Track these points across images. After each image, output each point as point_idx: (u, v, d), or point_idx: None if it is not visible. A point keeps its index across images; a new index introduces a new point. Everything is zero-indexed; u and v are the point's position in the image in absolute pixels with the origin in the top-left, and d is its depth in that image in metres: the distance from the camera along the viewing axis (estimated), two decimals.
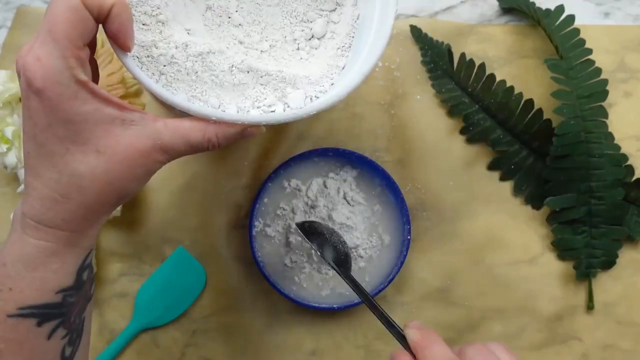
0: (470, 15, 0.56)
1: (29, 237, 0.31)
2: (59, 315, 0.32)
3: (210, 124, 0.32)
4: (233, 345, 0.50)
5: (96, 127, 0.30)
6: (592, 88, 0.50)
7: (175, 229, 0.51)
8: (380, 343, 0.51)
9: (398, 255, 0.50)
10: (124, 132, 0.31)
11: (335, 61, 0.42)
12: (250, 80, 0.39)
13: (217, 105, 0.38)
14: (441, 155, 0.53)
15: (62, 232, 0.31)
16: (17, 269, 0.30)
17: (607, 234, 0.51)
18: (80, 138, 0.30)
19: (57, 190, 0.30)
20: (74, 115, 0.29)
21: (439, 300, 0.51)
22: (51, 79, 0.28)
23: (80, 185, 0.30)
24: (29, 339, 0.31)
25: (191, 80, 0.37)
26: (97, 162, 0.30)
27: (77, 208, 0.31)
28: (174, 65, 0.37)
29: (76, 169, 0.30)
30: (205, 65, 0.38)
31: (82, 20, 0.28)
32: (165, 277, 0.51)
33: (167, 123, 0.32)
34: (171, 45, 0.37)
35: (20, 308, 0.30)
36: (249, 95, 0.39)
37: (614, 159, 0.50)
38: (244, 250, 0.51)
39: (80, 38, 0.29)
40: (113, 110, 0.30)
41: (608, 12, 0.56)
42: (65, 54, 0.28)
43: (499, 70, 0.54)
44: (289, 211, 0.50)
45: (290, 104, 0.39)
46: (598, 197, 0.50)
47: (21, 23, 0.53)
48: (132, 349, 0.50)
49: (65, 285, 0.32)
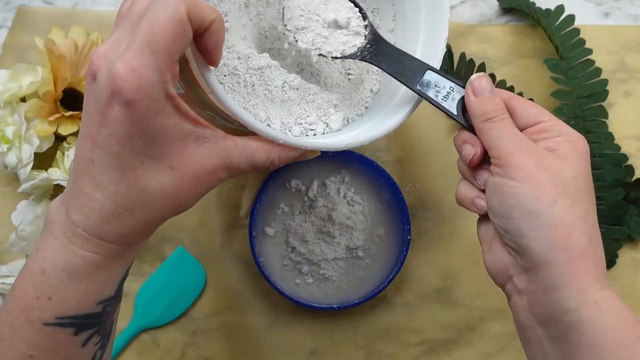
0: (470, 15, 0.56)
1: (76, 248, 0.29)
2: (96, 324, 0.31)
3: (275, 147, 0.32)
4: (233, 345, 0.50)
5: (173, 143, 0.29)
6: (592, 88, 0.50)
7: (175, 228, 0.51)
8: (380, 343, 0.51)
9: (398, 255, 0.50)
10: (196, 149, 0.30)
11: (370, 85, 0.43)
12: (297, 97, 0.39)
13: (264, 118, 0.38)
14: (441, 155, 0.53)
15: (115, 245, 0.30)
16: (59, 279, 0.29)
17: (607, 234, 0.51)
18: (157, 153, 0.29)
19: (121, 204, 0.29)
20: (157, 130, 0.28)
21: (439, 300, 0.51)
22: (145, 91, 0.27)
23: (148, 201, 0.29)
24: (64, 347, 0.30)
25: (247, 92, 0.37)
26: (169, 179, 0.29)
27: (139, 223, 0.30)
28: (234, 76, 0.37)
29: (147, 184, 0.29)
30: (262, 79, 0.38)
31: (185, 34, 0.27)
32: (165, 277, 0.51)
33: (237, 142, 0.31)
34: (234, 55, 0.37)
35: (58, 317, 0.30)
36: (293, 111, 0.39)
37: (614, 159, 0.50)
38: (244, 250, 0.51)
39: (179, 52, 0.28)
40: (190, 125, 0.29)
41: (608, 12, 0.56)
42: (162, 68, 0.27)
43: (499, 70, 0.54)
44: (289, 211, 0.50)
45: (331, 125, 0.40)
46: (598, 197, 0.50)
47: (21, 23, 0.53)
48: (132, 349, 0.50)
49: (106, 297, 0.31)
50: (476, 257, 0.52)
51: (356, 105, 0.42)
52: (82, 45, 0.49)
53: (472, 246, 0.52)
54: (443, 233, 0.52)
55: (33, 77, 0.48)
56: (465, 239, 0.52)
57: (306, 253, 0.49)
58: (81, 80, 0.49)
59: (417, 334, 0.51)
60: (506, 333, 0.51)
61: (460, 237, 0.52)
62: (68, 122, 0.48)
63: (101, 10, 0.54)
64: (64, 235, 0.29)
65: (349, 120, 0.42)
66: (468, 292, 0.51)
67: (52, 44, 0.47)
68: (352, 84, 0.44)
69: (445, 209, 0.52)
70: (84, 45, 0.50)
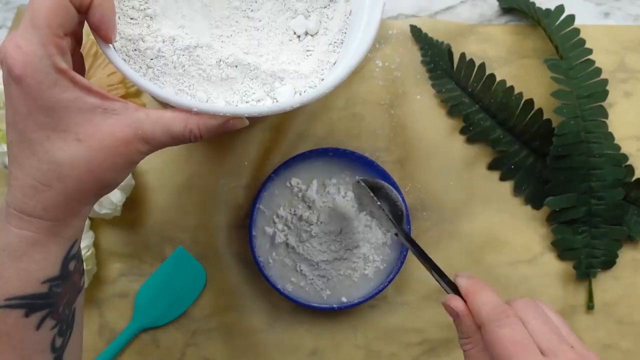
0: (470, 15, 0.56)
1: (12, 227, 0.31)
2: (46, 306, 0.32)
3: (193, 116, 0.32)
4: (233, 345, 0.50)
5: (77, 115, 0.30)
6: (592, 88, 0.50)
7: (175, 228, 0.51)
8: (380, 343, 0.51)
9: (398, 255, 0.50)
10: (105, 121, 0.31)
11: (327, 57, 0.42)
12: (239, 74, 0.39)
13: (204, 99, 0.38)
14: (441, 155, 0.53)
15: (44, 221, 0.31)
16: (1, 260, 0.31)
17: (607, 234, 0.51)
18: (61, 126, 0.30)
19: (38, 178, 0.30)
20: (54, 103, 0.29)
21: (439, 300, 0.51)
22: (31, 66, 0.28)
23: (61, 173, 0.30)
24: (17, 329, 0.31)
25: (178, 74, 0.38)
26: (78, 150, 0.30)
27: (58, 196, 0.31)
28: (160, 58, 0.37)
29: (56, 157, 0.30)
30: (192, 59, 0.38)
31: (64, 9, 0.29)
32: (165, 277, 0.51)
33: (149, 113, 0.32)
34: (158, 39, 0.37)
35: (7, 299, 0.31)
36: (237, 89, 0.39)
37: (614, 159, 0.50)
38: (244, 250, 0.51)
39: (61, 27, 0.29)
40: (94, 99, 0.30)
41: (608, 12, 0.56)
42: (45, 42, 0.28)
43: (499, 70, 0.54)
44: (289, 211, 0.50)
45: (279, 99, 0.39)
46: (598, 197, 0.50)
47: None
48: (132, 349, 0.50)
49: (50, 276, 0.32)
50: (476, 257, 0.52)
51: (308, 77, 0.40)
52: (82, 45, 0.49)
53: (472, 246, 0.52)
54: (443, 233, 0.52)
55: None
56: (465, 239, 0.52)
57: (306, 253, 0.49)
58: None
59: (417, 334, 0.51)
60: None
61: (460, 237, 0.52)
62: None
63: None
64: (4, 217, 0.31)
65: (301, 93, 0.40)
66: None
67: None
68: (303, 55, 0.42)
69: (445, 209, 0.52)
70: (84, 45, 0.49)
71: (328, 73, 0.41)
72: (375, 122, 0.53)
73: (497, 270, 0.52)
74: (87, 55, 0.50)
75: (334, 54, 0.42)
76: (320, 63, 0.41)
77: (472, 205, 0.53)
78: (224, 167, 0.52)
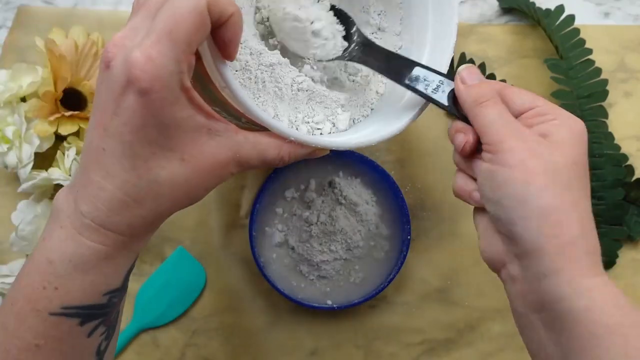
0: (470, 15, 0.56)
1: (84, 239, 0.29)
2: (102, 315, 0.31)
3: (286, 143, 0.33)
4: (233, 345, 0.50)
5: (186, 135, 0.29)
6: (592, 88, 0.50)
7: (175, 228, 0.51)
8: (380, 343, 0.51)
9: (398, 255, 0.50)
10: (208, 142, 0.30)
11: (376, 87, 0.44)
12: (306, 96, 0.40)
13: (272, 115, 0.38)
14: (441, 155, 0.53)
15: (123, 237, 0.30)
16: (66, 269, 0.29)
17: (607, 234, 0.51)
18: (169, 144, 0.28)
19: (131, 194, 0.29)
20: (171, 121, 0.28)
21: (439, 300, 0.51)
22: (160, 81, 0.26)
23: (158, 192, 0.29)
24: (70, 337, 0.30)
25: (257, 89, 0.37)
26: (180, 171, 0.29)
27: (148, 214, 0.30)
28: (246, 71, 0.37)
29: (158, 175, 0.29)
30: (273, 76, 0.38)
31: (204, 25, 0.27)
32: (165, 277, 0.51)
33: (248, 137, 0.31)
34: (247, 51, 0.37)
35: (64, 307, 0.30)
36: (301, 110, 0.40)
37: (614, 159, 0.50)
38: (244, 250, 0.51)
39: (198, 43, 0.28)
40: (202, 118, 0.29)
41: (608, 12, 0.56)
42: (180, 58, 0.27)
43: (499, 70, 0.54)
44: (289, 211, 0.50)
45: (337, 125, 0.40)
46: (598, 197, 0.50)
47: (21, 23, 0.53)
48: (132, 349, 0.50)
49: (113, 288, 0.31)
50: (476, 257, 0.52)
51: (362, 107, 0.43)
52: (83, 45, 0.49)
53: (472, 246, 0.52)
54: (443, 233, 0.52)
55: (33, 77, 0.48)
56: (465, 239, 0.52)
57: (306, 253, 0.49)
58: (81, 80, 0.49)
59: (417, 334, 0.51)
60: (506, 333, 0.51)
61: (460, 237, 0.52)
62: (68, 122, 0.48)
63: (101, 10, 0.54)
64: (71, 225, 0.29)
65: (355, 120, 0.42)
66: (468, 292, 0.51)
67: (52, 43, 0.47)
68: (358, 85, 0.44)
69: (445, 209, 0.52)
70: (84, 45, 0.50)
71: (377, 103, 0.43)
72: None
73: None
74: (87, 55, 0.50)
75: (382, 85, 0.44)
76: (372, 93, 0.44)
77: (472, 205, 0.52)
78: None
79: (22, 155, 0.48)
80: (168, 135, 0.28)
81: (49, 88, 0.47)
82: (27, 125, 0.48)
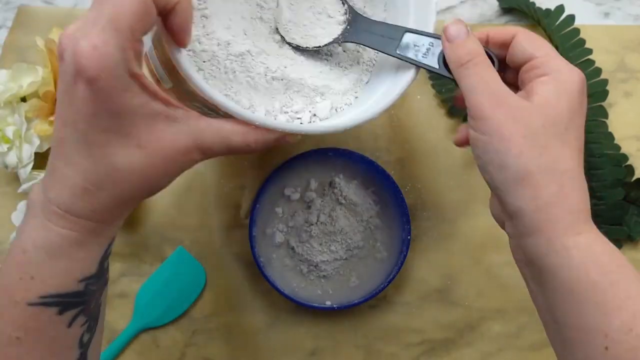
0: (470, 15, 0.56)
1: (53, 225, 0.30)
2: (80, 304, 0.32)
3: (252, 129, 0.32)
4: (233, 345, 0.50)
5: (141, 121, 0.29)
6: (592, 88, 0.50)
7: (175, 228, 0.51)
8: (380, 343, 0.51)
9: (398, 255, 0.50)
10: (166, 128, 0.30)
11: (361, 75, 0.43)
12: (282, 86, 0.39)
13: (247, 106, 0.37)
14: (441, 155, 0.53)
15: (90, 222, 0.30)
16: (40, 257, 0.30)
17: (607, 234, 0.50)
18: (124, 131, 0.29)
19: (91, 180, 0.29)
20: (122, 108, 0.28)
21: (439, 300, 0.51)
22: (107, 69, 0.27)
23: (116, 178, 0.29)
24: (50, 327, 0.30)
25: (227, 79, 0.37)
26: (137, 157, 0.30)
27: (109, 200, 0.30)
28: (214, 62, 0.37)
29: (115, 162, 0.29)
30: (243, 66, 0.38)
31: (148, 13, 0.28)
32: (165, 277, 0.51)
33: (211, 123, 0.31)
34: (214, 42, 0.37)
35: (42, 297, 0.30)
36: (278, 99, 0.39)
37: (614, 159, 0.50)
38: (244, 250, 0.51)
39: (142, 30, 0.28)
40: (159, 105, 0.30)
41: (608, 12, 0.56)
42: (125, 46, 0.27)
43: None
44: (289, 211, 0.50)
45: (317, 113, 0.40)
46: (598, 197, 0.50)
47: (21, 23, 0.53)
48: (132, 349, 0.50)
49: (88, 274, 0.31)
50: (476, 257, 0.52)
51: (345, 95, 0.42)
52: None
53: (472, 246, 0.52)
54: (443, 233, 0.52)
55: (33, 77, 0.48)
56: (465, 239, 0.52)
57: (306, 253, 0.49)
58: None
59: (417, 334, 0.51)
60: (506, 333, 0.51)
61: (460, 237, 0.52)
62: None
63: None
64: (42, 213, 0.30)
65: (337, 109, 0.41)
66: (468, 292, 0.51)
67: (52, 43, 0.47)
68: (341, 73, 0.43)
69: (445, 209, 0.52)
70: None
71: (361, 91, 0.42)
72: (375, 122, 0.53)
73: (497, 270, 0.52)
74: None
75: (367, 73, 0.43)
76: (356, 81, 0.42)
77: (472, 205, 0.53)
78: (224, 168, 0.52)
79: (23, 155, 0.48)
80: (122, 123, 0.29)
81: (49, 88, 0.47)
82: (27, 125, 0.48)
